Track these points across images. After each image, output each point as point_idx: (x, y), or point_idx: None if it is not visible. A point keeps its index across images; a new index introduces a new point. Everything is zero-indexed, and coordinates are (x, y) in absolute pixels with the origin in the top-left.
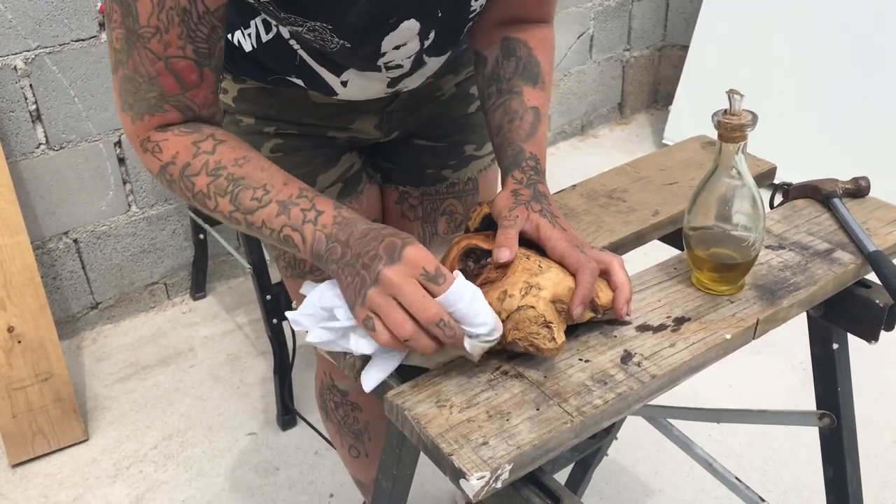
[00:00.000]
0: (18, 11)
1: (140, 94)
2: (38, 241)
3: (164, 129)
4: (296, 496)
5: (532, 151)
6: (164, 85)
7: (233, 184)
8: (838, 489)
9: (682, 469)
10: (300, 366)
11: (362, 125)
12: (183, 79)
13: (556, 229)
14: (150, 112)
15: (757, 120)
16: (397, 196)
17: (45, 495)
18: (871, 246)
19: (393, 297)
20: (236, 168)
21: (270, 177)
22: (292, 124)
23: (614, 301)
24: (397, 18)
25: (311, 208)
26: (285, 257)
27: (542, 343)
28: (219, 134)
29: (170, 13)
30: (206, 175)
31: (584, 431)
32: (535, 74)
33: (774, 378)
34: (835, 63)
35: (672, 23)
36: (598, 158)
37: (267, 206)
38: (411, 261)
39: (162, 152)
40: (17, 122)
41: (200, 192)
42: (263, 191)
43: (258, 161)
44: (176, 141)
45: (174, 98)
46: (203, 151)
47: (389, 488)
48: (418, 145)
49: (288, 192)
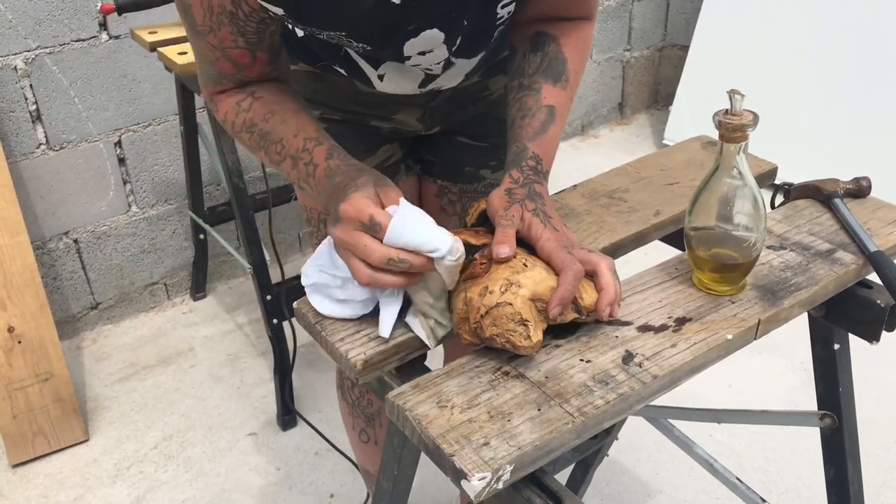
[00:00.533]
0: (18, 11)
1: (204, 69)
2: (39, 242)
3: (223, 92)
4: (296, 496)
5: (535, 151)
6: (222, 67)
7: (263, 139)
8: (839, 489)
9: (683, 469)
10: (300, 366)
11: (405, 117)
12: (238, 63)
13: (547, 229)
14: (212, 84)
15: (758, 120)
16: (436, 190)
17: (45, 496)
18: (872, 246)
19: (346, 250)
20: (264, 123)
21: (286, 129)
22: (336, 110)
23: (597, 303)
24: (416, 27)
25: (310, 162)
26: (317, 234)
27: (518, 341)
28: (259, 90)
29: (219, 17)
30: (246, 132)
31: (585, 432)
32: (559, 72)
33: (775, 378)
34: (835, 63)
35: (672, 23)
36: (599, 159)
37: (285, 161)
38: (347, 217)
39: (218, 112)
40: (17, 122)
41: (249, 146)
42: (280, 145)
43: (282, 113)
44: (226, 102)
45: (231, 76)
46: (242, 110)
47: (390, 489)
48: (460, 142)
49: (295, 146)
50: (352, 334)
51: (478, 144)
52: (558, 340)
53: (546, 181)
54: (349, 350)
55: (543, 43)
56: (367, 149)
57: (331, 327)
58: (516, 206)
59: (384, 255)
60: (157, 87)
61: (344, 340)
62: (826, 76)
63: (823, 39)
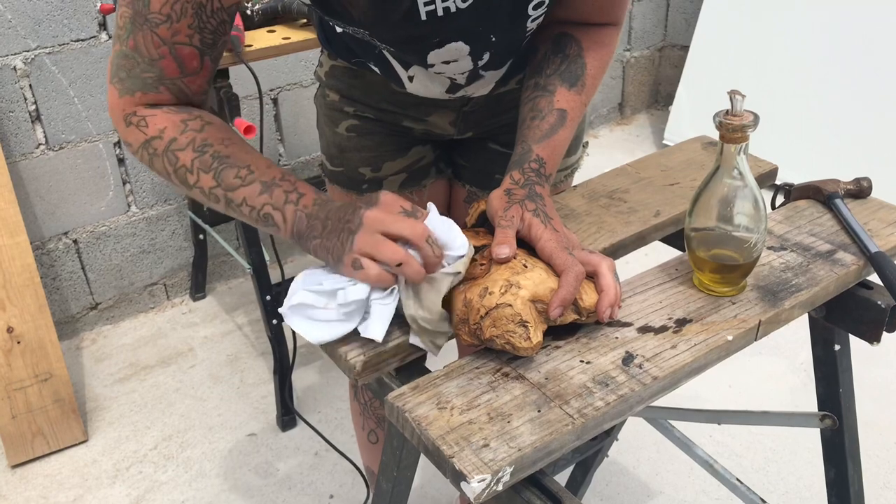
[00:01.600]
0: (18, 12)
1: (136, 72)
2: (38, 242)
3: (153, 106)
4: (295, 497)
5: (540, 154)
6: (164, 68)
7: (217, 161)
8: (840, 490)
9: (683, 470)
10: (300, 366)
11: (438, 120)
12: (185, 65)
13: (548, 229)
14: (144, 90)
15: (758, 120)
16: (465, 195)
17: (44, 496)
18: (873, 247)
19: (380, 232)
20: (222, 147)
21: (255, 159)
22: (370, 108)
23: (597, 304)
24: (441, 39)
25: (293, 190)
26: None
27: (518, 342)
28: (207, 116)
29: (184, 5)
30: (192, 151)
31: (585, 433)
32: (576, 77)
33: (776, 379)
34: (836, 63)
35: (672, 23)
36: (599, 159)
37: (250, 185)
38: (388, 203)
39: (148, 127)
40: (16, 122)
41: (183, 167)
42: (248, 170)
43: (242, 144)
44: (165, 117)
45: (171, 81)
46: (191, 129)
47: (390, 490)
48: (492, 149)
49: (271, 175)
50: (351, 335)
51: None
52: (558, 342)
53: (548, 183)
54: (348, 351)
55: (565, 45)
56: (396, 149)
57: None
58: (516, 206)
59: (427, 229)
60: None
61: (343, 341)
62: (826, 76)
63: (824, 39)
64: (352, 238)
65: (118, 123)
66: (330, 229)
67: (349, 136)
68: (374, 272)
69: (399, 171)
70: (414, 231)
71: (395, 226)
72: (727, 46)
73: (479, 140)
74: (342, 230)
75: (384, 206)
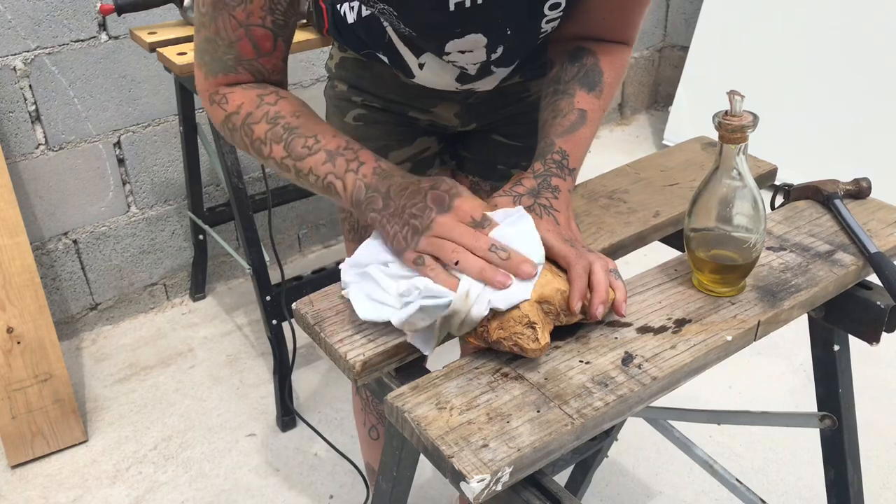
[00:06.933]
0: (18, 12)
1: (218, 55)
2: (38, 242)
3: (233, 85)
4: (295, 497)
5: (563, 147)
6: (241, 49)
7: (288, 132)
8: (839, 491)
9: (683, 471)
10: (300, 367)
11: (443, 111)
12: (259, 46)
13: (545, 220)
14: (225, 71)
15: (758, 121)
16: (468, 185)
17: (44, 496)
18: (872, 247)
19: (446, 238)
20: (293, 118)
21: (323, 129)
22: (377, 98)
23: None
24: (463, 30)
25: (354, 158)
26: (350, 220)
27: (526, 343)
28: (282, 92)
29: None
30: (265, 123)
31: (584, 434)
32: (595, 82)
33: (775, 379)
34: (835, 63)
35: (672, 23)
36: (599, 159)
37: (316, 154)
38: (461, 210)
39: (228, 103)
40: (16, 122)
41: (258, 139)
42: (314, 140)
43: (313, 116)
44: (242, 94)
45: (248, 62)
46: (266, 103)
47: (389, 490)
48: (495, 140)
49: (336, 143)
50: (350, 335)
51: (512, 144)
52: (558, 342)
53: (571, 177)
54: (348, 351)
55: (582, 56)
56: (402, 138)
57: (330, 328)
58: (507, 199)
59: (489, 241)
60: (156, 88)
61: (343, 342)
62: (826, 77)
63: (823, 40)
64: (417, 238)
65: (205, 103)
66: (392, 211)
67: (356, 126)
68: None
69: (404, 161)
70: (477, 243)
71: (460, 238)
72: (727, 47)
73: (482, 132)
74: (406, 223)
75: (456, 214)
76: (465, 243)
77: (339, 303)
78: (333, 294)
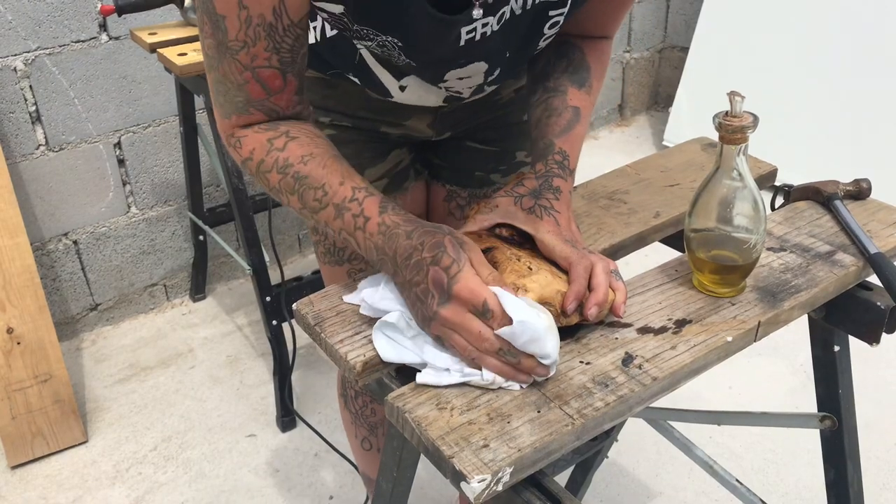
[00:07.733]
0: (18, 12)
1: (229, 97)
2: (38, 243)
3: (247, 126)
4: (295, 498)
5: (562, 147)
6: (250, 91)
7: (298, 182)
8: (839, 491)
9: (683, 471)
10: (300, 367)
11: (416, 123)
12: (268, 86)
13: (545, 221)
14: (238, 113)
15: (758, 122)
16: (445, 194)
17: (44, 497)
18: (872, 248)
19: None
20: (301, 166)
21: (329, 175)
22: (347, 116)
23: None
24: (467, 60)
25: (360, 213)
26: (324, 243)
27: None
28: (294, 130)
29: (256, 29)
30: (276, 172)
31: (585, 434)
32: (583, 78)
33: (775, 380)
34: (836, 64)
35: (672, 24)
36: (599, 160)
37: (326, 209)
38: (461, 299)
39: (242, 147)
40: (16, 123)
41: (274, 189)
42: (322, 192)
43: (322, 157)
44: (253, 138)
45: (259, 103)
46: (275, 148)
47: (389, 490)
48: (470, 147)
49: (342, 195)
50: (351, 336)
51: (488, 149)
52: None
53: (571, 177)
54: (349, 352)
55: (568, 51)
56: (375, 155)
57: (330, 329)
58: (508, 199)
59: (495, 345)
60: (156, 89)
61: (343, 342)
62: (826, 77)
63: (823, 40)
64: (428, 324)
65: (225, 144)
66: (401, 282)
67: None
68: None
69: (381, 177)
70: (482, 346)
71: (465, 335)
72: (727, 48)
73: (456, 139)
74: (415, 303)
75: (456, 305)
76: (472, 343)
77: (340, 303)
78: (334, 294)
